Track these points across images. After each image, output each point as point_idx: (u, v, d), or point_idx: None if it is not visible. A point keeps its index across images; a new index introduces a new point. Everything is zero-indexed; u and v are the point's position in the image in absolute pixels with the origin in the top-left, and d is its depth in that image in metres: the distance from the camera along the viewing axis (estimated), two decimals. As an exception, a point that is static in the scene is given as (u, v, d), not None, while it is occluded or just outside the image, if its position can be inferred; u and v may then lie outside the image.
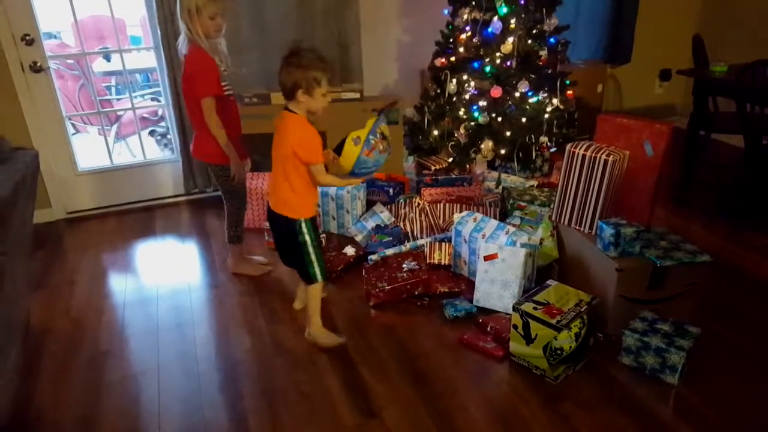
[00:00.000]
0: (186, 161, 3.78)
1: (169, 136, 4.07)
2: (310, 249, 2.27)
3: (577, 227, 2.55)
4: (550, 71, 3.51)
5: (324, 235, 3.10)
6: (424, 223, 3.18)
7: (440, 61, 3.62)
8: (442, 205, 3.28)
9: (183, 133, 3.69)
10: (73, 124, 4.61)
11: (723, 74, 3.28)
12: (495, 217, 3.08)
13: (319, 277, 2.31)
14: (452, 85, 3.55)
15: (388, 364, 2.28)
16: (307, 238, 2.25)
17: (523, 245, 2.57)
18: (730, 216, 3.25)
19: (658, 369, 2.11)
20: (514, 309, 2.19)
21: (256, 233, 3.34)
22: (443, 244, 2.96)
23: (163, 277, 3.01)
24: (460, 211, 3.15)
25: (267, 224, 3.13)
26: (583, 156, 2.44)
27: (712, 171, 3.78)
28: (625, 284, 2.27)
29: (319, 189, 2.72)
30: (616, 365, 2.21)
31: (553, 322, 2.06)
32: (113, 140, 4.36)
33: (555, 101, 3.51)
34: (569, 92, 3.57)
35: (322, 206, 3.34)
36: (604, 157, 2.38)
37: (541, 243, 2.69)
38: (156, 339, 2.51)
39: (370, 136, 2.19)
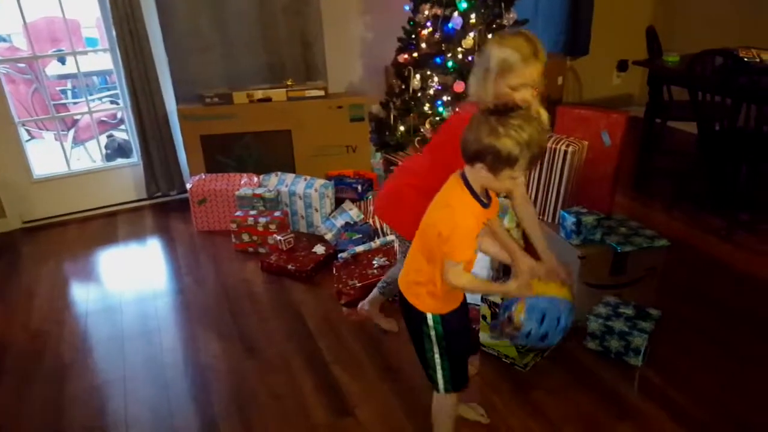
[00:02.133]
0: (147, 165, 3.70)
1: (122, 142, 3.97)
2: (435, 349, 1.61)
3: (541, 217, 2.59)
4: (511, 65, 3.54)
5: (292, 234, 3.07)
6: (392, 219, 3.17)
7: (403, 57, 3.63)
8: (409, 200, 3.28)
9: (143, 135, 3.61)
10: (27, 130, 4.45)
11: (675, 64, 3.38)
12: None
13: (442, 386, 1.65)
14: (416, 81, 3.56)
15: (361, 361, 2.28)
16: (433, 335, 1.59)
17: (490, 237, 2.59)
18: (688, 201, 3.35)
19: (622, 352, 2.17)
20: (482, 300, 2.21)
21: (223, 236, 3.29)
22: (412, 239, 2.97)
23: (128, 285, 2.94)
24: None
25: (233, 225, 3.11)
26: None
27: (670, 158, 3.89)
28: (588, 271, 2.31)
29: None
30: (583, 350, 2.26)
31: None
32: (71, 145, 4.23)
33: (517, 94, 3.54)
34: (530, 85, 3.61)
35: (290, 205, 3.31)
36: (563, 148, 2.42)
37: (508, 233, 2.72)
38: (121, 348, 2.44)
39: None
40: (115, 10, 3.29)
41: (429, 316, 1.58)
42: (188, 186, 3.39)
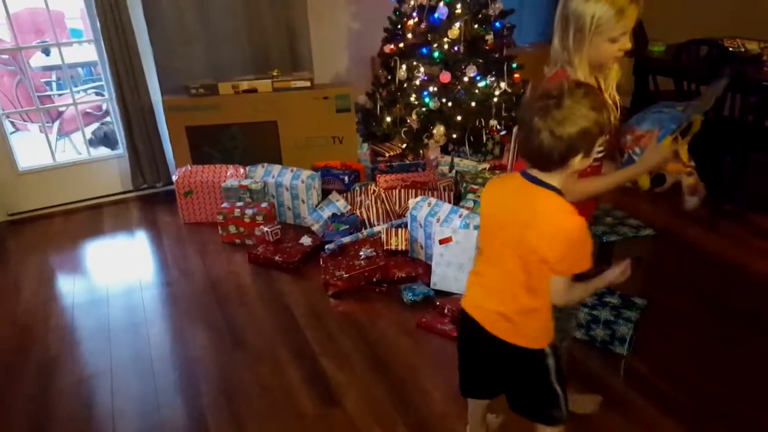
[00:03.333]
0: (133, 156, 3.67)
1: (110, 131, 3.93)
2: (555, 382, 1.42)
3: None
4: (497, 55, 3.56)
5: (279, 226, 3.06)
6: (380, 209, 3.18)
7: (389, 47, 3.62)
8: (397, 191, 3.29)
9: (129, 127, 3.58)
10: (11, 122, 4.40)
11: (661, 54, 3.40)
12: (449, 201, 3.11)
13: (565, 415, 1.46)
14: (402, 72, 3.55)
15: (348, 352, 2.29)
16: (552, 367, 1.41)
17: (476, 227, 2.60)
18: (674, 190, 3.37)
19: (608, 341, 2.19)
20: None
21: (209, 227, 3.27)
22: (400, 229, 2.98)
23: (114, 277, 2.93)
24: (416, 197, 3.17)
25: (219, 217, 3.09)
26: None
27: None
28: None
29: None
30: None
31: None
32: (56, 137, 4.19)
33: (503, 85, 3.56)
34: (516, 75, 3.62)
35: (277, 197, 3.30)
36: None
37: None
38: (108, 340, 2.44)
39: None
40: (99, 1, 3.25)
41: (546, 349, 1.39)
42: (174, 178, 3.37)
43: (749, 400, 1.98)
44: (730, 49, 3.12)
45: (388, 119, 3.67)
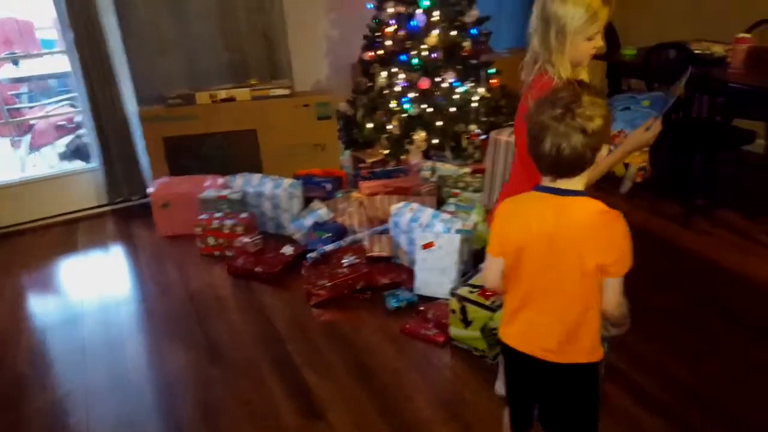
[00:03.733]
0: (108, 169, 3.60)
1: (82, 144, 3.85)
2: (596, 400, 1.42)
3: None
4: (474, 61, 3.58)
5: (260, 236, 3.02)
6: (363, 216, 3.16)
7: (369, 54, 3.62)
8: (379, 197, 3.27)
9: (103, 139, 3.51)
10: (-20, 137, 4.30)
11: (632, 57, 3.45)
12: (432, 206, 3.10)
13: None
14: (382, 78, 3.56)
15: (332, 362, 2.25)
16: (597, 383, 1.40)
17: (458, 231, 2.60)
18: (648, 189, 3.42)
19: (600, 354, 2.18)
20: (452, 294, 2.22)
21: (188, 240, 3.21)
22: (383, 236, 2.96)
23: (89, 294, 2.85)
24: (398, 203, 3.15)
25: (198, 229, 3.04)
26: (507, 142, 2.50)
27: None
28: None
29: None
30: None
31: (488, 303, 2.10)
32: (27, 151, 4.09)
33: (481, 90, 3.58)
34: (494, 81, 3.65)
35: (258, 207, 3.26)
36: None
37: (475, 227, 2.73)
38: (83, 359, 2.37)
39: None
40: (71, 11, 3.19)
41: (597, 362, 1.34)
42: (150, 190, 3.31)
43: (731, 393, 2.00)
44: (697, 52, 3.18)
45: (370, 126, 3.67)
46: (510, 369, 1.47)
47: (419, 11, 3.35)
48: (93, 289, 2.89)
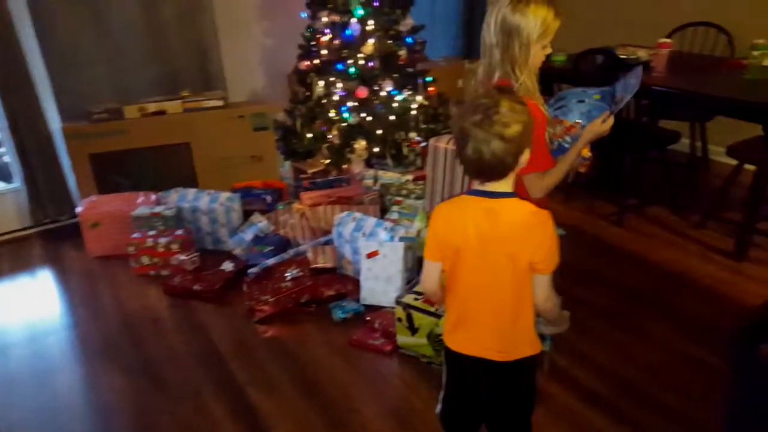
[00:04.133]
0: (32, 189, 3.39)
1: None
2: (535, 388, 1.49)
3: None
4: (411, 70, 3.62)
5: (197, 253, 2.92)
6: (305, 227, 3.11)
7: (305, 64, 3.59)
8: (322, 207, 3.23)
9: (25, 158, 3.31)
10: None
11: (562, 63, 3.57)
12: (375, 215, 3.09)
13: None
14: (320, 88, 3.53)
15: (277, 379, 2.19)
16: (535, 373, 1.48)
17: (401, 239, 2.60)
18: (583, 190, 3.55)
19: (539, 346, 2.23)
20: (397, 302, 2.21)
21: (121, 260, 3.06)
22: (326, 247, 2.92)
23: (14, 323, 2.66)
24: (341, 212, 3.13)
25: (131, 249, 2.91)
26: (446, 149, 2.53)
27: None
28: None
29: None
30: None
31: (433, 309, 2.10)
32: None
33: (419, 98, 3.61)
34: (431, 89, 3.70)
35: (194, 222, 3.15)
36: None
37: (418, 234, 2.74)
38: (8, 394, 2.20)
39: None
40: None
41: (536, 355, 1.41)
42: (78, 210, 3.14)
43: (663, 383, 2.08)
44: (623, 57, 3.32)
45: (309, 135, 3.62)
46: (455, 376, 1.47)
47: (354, 20, 3.35)
48: (19, 317, 2.70)
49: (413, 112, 3.59)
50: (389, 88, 3.47)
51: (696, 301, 2.56)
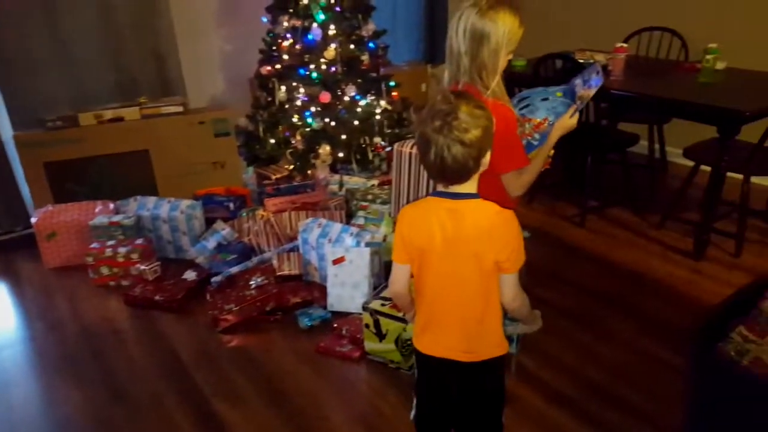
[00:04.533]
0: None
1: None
2: (504, 388, 1.51)
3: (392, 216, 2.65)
4: (374, 74, 3.62)
5: (158, 263, 2.85)
6: (270, 234, 3.07)
7: (266, 69, 3.56)
8: (287, 214, 3.20)
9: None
10: None
11: (522, 68, 3.63)
12: (341, 220, 3.08)
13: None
14: (282, 93, 3.50)
15: (243, 389, 2.15)
16: (504, 373, 1.48)
17: (367, 244, 2.59)
18: (546, 192, 3.60)
19: (506, 346, 2.25)
20: (364, 308, 2.20)
21: (79, 271, 2.97)
22: (292, 253, 2.89)
23: (-35, 339, 2.56)
24: (307, 218, 3.10)
25: (89, 259, 2.83)
26: (410, 153, 2.54)
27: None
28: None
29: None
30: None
31: (400, 315, 2.10)
32: None
33: (383, 103, 3.62)
34: (395, 93, 3.71)
35: (155, 231, 3.08)
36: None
37: (384, 240, 2.74)
38: (-42, 413, 2.11)
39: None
40: None
41: (504, 355, 1.43)
42: (33, 220, 3.04)
43: (628, 382, 2.12)
44: (581, 61, 3.40)
45: (272, 141, 3.59)
46: (426, 378, 1.48)
47: (315, 25, 3.33)
48: (-31, 333, 2.60)
49: (377, 117, 3.60)
50: (352, 93, 3.47)
51: (657, 301, 2.61)
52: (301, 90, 3.49)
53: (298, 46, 3.42)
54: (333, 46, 3.38)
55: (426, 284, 1.36)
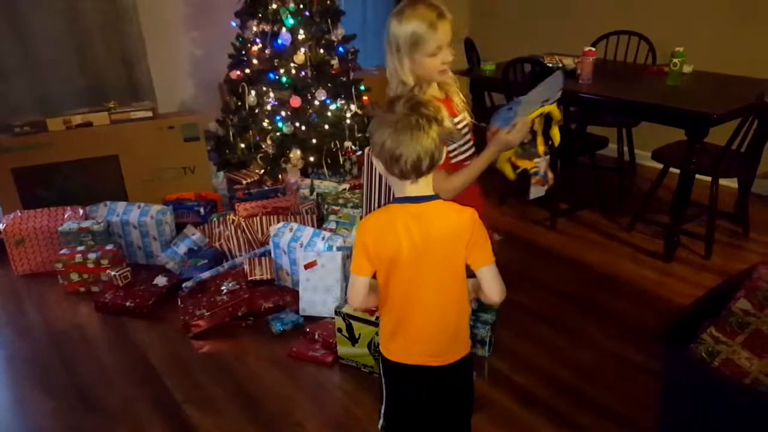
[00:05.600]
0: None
1: None
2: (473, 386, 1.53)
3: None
4: (344, 79, 3.64)
5: (128, 268, 2.83)
6: (241, 239, 3.07)
7: (235, 73, 3.55)
8: (258, 218, 3.20)
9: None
10: None
11: (492, 72, 3.68)
12: (313, 225, 3.09)
13: None
14: (251, 97, 3.50)
15: (215, 395, 2.16)
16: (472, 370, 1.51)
17: (339, 248, 2.62)
18: (516, 196, 3.65)
19: (471, 345, 2.29)
20: (336, 312, 2.22)
21: (48, 277, 2.93)
22: (263, 258, 2.90)
23: (-73, 349, 2.51)
24: (278, 223, 3.11)
25: (58, 265, 2.79)
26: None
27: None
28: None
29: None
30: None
31: (373, 318, 2.12)
32: None
33: (353, 107, 3.64)
34: (365, 98, 3.73)
35: (124, 236, 3.05)
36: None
37: (356, 244, 2.76)
38: None
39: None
40: None
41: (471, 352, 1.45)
42: (1, 226, 2.99)
43: (599, 383, 2.15)
44: (550, 65, 3.45)
45: (242, 146, 3.59)
46: (395, 386, 1.46)
47: (284, 30, 3.34)
48: (-69, 343, 2.55)
49: (348, 121, 3.62)
50: (323, 97, 3.49)
51: (628, 302, 2.63)
52: (271, 94, 3.50)
53: (267, 51, 3.43)
54: (303, 50, 3.39)
55: (394, 292, 1.35)
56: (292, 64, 3.41)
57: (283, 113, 3.48)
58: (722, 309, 1.64)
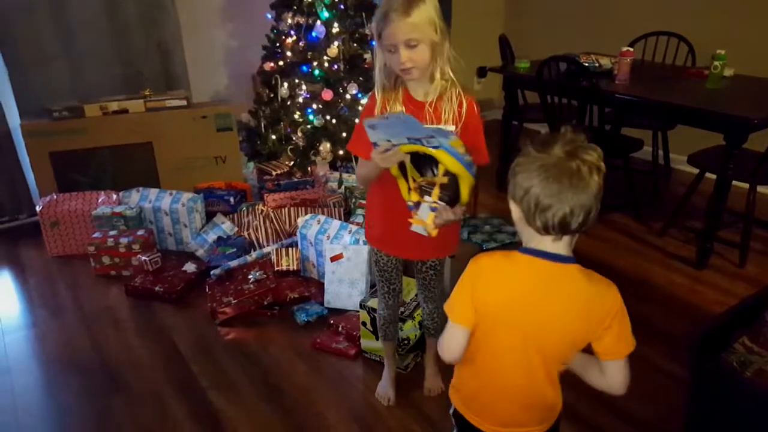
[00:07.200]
0: (-14, 187, 3.31)
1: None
2: None
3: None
4: (377, 73, 3.63)
5: (159, 254, 2.89)
6: (269, 229, 3.11)
7: (269, 65, 3.58)
8: (286, 209, 3.23)
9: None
10: None
11: (526, 70, 3.62)
12: (340, 217, 3.10)
13: None
14: (284, 90, 3.52)
15: (239, 383, 2.19)
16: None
17: (365, 242, 2.62)
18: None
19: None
20: (361, 306, 2.22)
21: (81, 260, 3.01)
22: (290, 249, 2.92)
23: (-33, 324, 2.60)
24: (306, 215, 3.13)
25: (91, 248, 2.86)
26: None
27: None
28: (458, 269, 2.41)
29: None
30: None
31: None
32: None
33: (385, 101, 3.63)
34: (397, 92, 3.71)
35: (156, 222, 3.11)
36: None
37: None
38: (-39, 397, 2.15)
39: None
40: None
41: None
42: (38, 208, 3.07)
43: (627, 390, 2.10)
44: (586, 64, 3.38)
45: (273, 137, 3.62)
46: None
47: (319, 23, 3.35)
48: (-29, 319, 2.64)
49: (379, 115, 3.61)
50: (354, 91, 3.49)
51: (658, 308, 2.58)
52: (304, 87, 3.52)
53: (301, 44, 3.44)
54: (336, 43, 3.40)
55: (484, 355, 1.15)
56: (325, 57, 3.42)
57: (314, 106, 3.49)
58: (756, 319, 1.59)
